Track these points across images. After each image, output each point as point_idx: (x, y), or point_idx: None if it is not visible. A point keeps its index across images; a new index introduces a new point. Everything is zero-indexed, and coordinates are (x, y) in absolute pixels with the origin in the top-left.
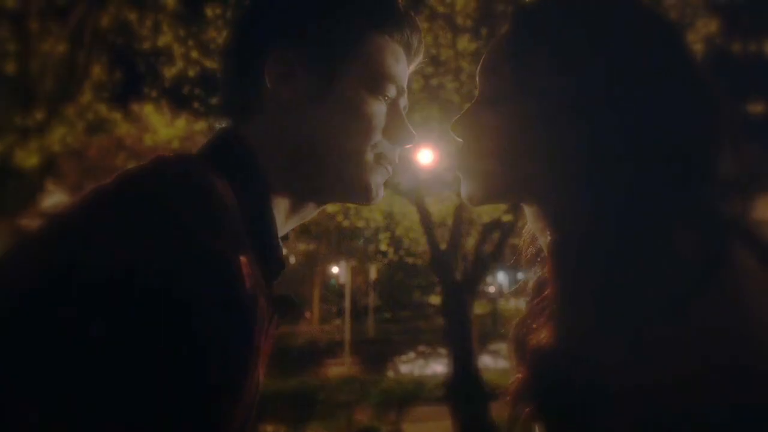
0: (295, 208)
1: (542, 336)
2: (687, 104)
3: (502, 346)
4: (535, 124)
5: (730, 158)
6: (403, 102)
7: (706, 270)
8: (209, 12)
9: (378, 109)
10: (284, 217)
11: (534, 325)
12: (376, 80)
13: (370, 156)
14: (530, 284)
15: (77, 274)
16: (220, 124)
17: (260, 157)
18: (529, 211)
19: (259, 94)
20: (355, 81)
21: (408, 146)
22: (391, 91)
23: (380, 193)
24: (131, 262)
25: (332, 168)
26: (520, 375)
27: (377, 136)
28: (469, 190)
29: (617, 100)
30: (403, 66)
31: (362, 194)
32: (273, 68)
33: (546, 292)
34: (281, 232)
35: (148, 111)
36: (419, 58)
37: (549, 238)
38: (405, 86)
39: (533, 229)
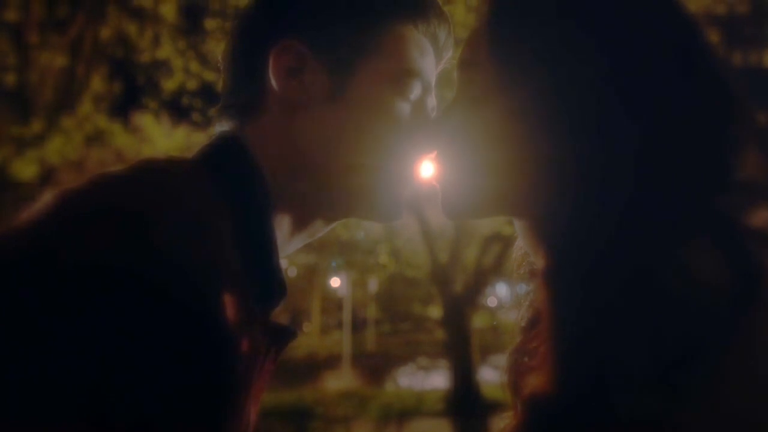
0: (300, 225)
1: (537, 380)
2: (707, 102)
3: (503, 359)
4: (520, 126)
5: (754, 165)
6: (431, 102)
7: (743, 295)
8: (208, 24)
9: (401, 109)
10: (287, 235)
11: (530, 363)
12: (399, 76)
13: (391, 164)
14: (524, 307)
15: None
16: (221, 128)
17: (262, 165)
18: (519, 226)
19: (263, 92)
20: (374, 77)
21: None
22: (416, 89)
23: (401, 210)
24: (86, 291)
25: (346, 178)
26: (514, 419)
27: (400, 141)
28: (447, 203)
29: (621, 98)
30: (430, 60)
31: (381, 210)
32: (279, 62)
33: (542, 324)
34: (283, 253)
35: (147, 122)
36: (448, 53)
37: (542, 259)
38: (432, 84)
39: (525, 246)
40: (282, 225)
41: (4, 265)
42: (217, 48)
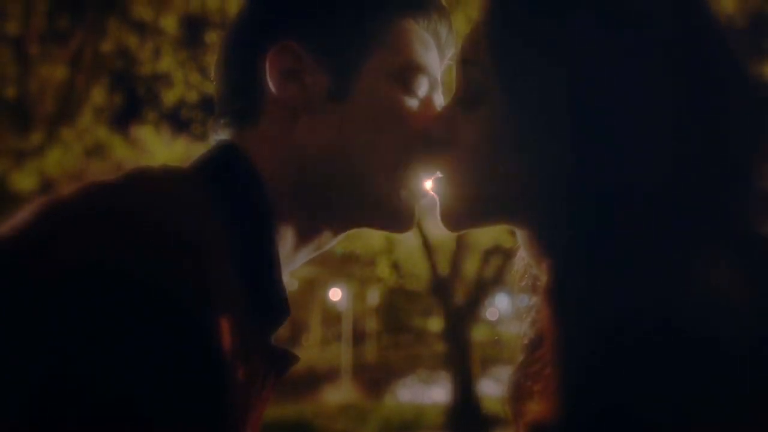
0: (305, 238)
1: (540, 406)
2: (726, 108)
3: (504, 372)
4: (521, 129)
5: None
6: (439, 99)
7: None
8: (209, 37)
9: (410, 107)
10: (291, 249)
11: (533, 386)
12: (406, 72)
13: (402, 168)
14: (527, 322)
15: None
16: (218, 137)
17: (263, 174)
18: (520, 236)
19: (261, 97)
20: (378, 74)
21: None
22: (424, 85)
23: (414, 218)
24: (70, 296)
25: (355, 185)
26: None
27: (410, 142)
28: (445, 210)
29: (631, 100)
30: (434, 56)
31: (393, 218)
32: (276, 65)
33: (545, 345)
34: (287, 268)
35: (147, 134)
36: (450, 51)
37: (545, 274)
38: (439, 80)
39: (527, 256)
40: (285, 238)
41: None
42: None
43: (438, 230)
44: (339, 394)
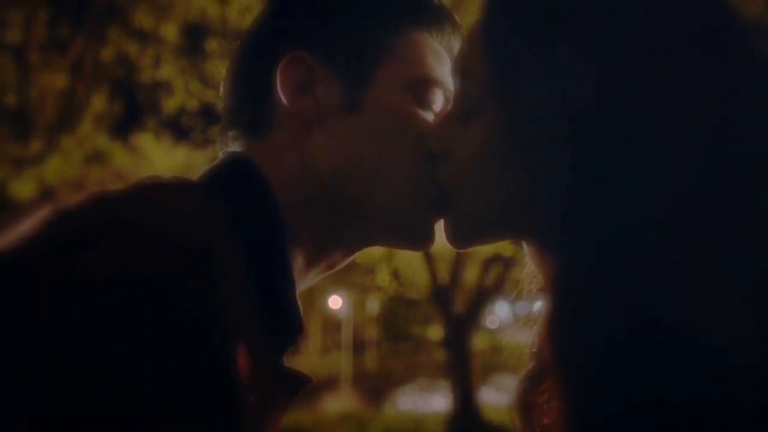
0: (318, 255)
1: None
2: (748, 103)
3: (504, 380)
4: (518, 140)
5: None
6: None
7: None
8: (209, 45)
9: (424, 120)
10: (303, 267)
11: (541, 420)
12: (420, 84)
13: (419, 182)
14: (534, 330)
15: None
16: (227, 150)
17: (275, 187)
18: (528, 249)
19: (272, 109)
20: (393, 86)
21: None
22: (438, 99)
23: (433, 234)
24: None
25: (370, 199)
26: None
27: (427, 156)
28: (450, 229)
29: (637, 112)
30: (448, 69)
31: (409, 235)
32: (288, 76)
33: (551, 379)
34: (299, 286)
35: (147, 142)
36: None
37: (548, 303)
38: (453, 94)
39: (534, 265)
40: (297, 255)
41: (9, 274)
42: (218, 69)
43: (438, 238)
44: (339, 402)
